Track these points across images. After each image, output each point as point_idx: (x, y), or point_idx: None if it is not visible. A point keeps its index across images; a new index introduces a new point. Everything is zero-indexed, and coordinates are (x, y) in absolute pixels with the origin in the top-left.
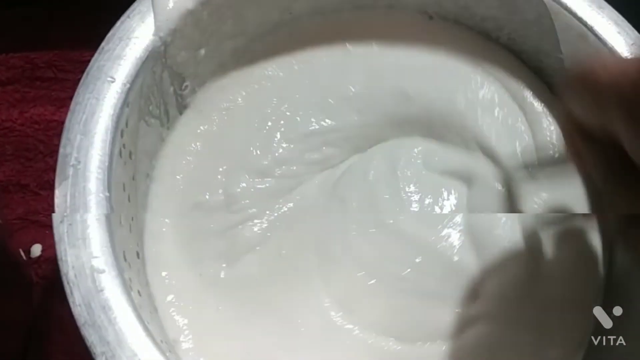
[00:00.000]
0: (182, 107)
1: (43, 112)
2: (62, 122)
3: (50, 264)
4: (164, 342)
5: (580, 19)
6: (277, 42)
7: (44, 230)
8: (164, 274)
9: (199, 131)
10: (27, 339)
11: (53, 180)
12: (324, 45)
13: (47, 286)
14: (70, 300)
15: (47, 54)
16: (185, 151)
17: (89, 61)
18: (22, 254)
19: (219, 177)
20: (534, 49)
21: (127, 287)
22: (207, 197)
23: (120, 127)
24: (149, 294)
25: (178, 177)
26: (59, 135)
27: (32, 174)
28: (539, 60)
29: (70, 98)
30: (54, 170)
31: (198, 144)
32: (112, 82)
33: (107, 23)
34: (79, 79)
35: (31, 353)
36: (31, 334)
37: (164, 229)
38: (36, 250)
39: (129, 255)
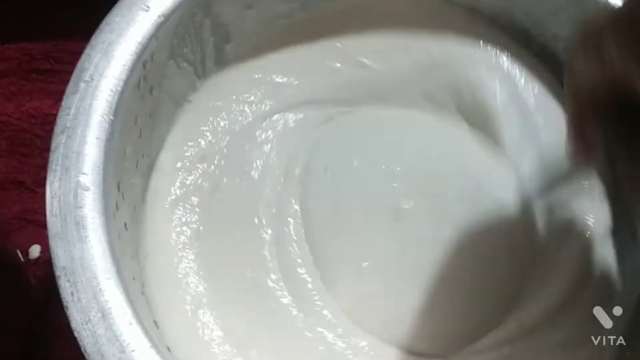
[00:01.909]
0: (222, 63)
1: (40, 105)
2: None
3: (49, 266)
4: (135, 279)
5: None
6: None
7: (43, 230)
8: (157, 217)
9: (232, 94)
10: (25, 342)
11: None
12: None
13: (46, 289)
14: (48, 209)
15: (44, 45)
16: (211, 109)
17: None
18: (20, 255)
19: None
20: None
21: (109, 213)
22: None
23: (143, 58)
24: (138, 229)
25: (200, 128)
26: None
27: (28, 171)
28: None
29: None
30: None
31: (227, 103)
32: (147, 10)
33: (104, 13)
34: None
35: (29, 356)
36: (29, 337)
37: (171, 177)
38: (35, 251)
39: (125, 187)
